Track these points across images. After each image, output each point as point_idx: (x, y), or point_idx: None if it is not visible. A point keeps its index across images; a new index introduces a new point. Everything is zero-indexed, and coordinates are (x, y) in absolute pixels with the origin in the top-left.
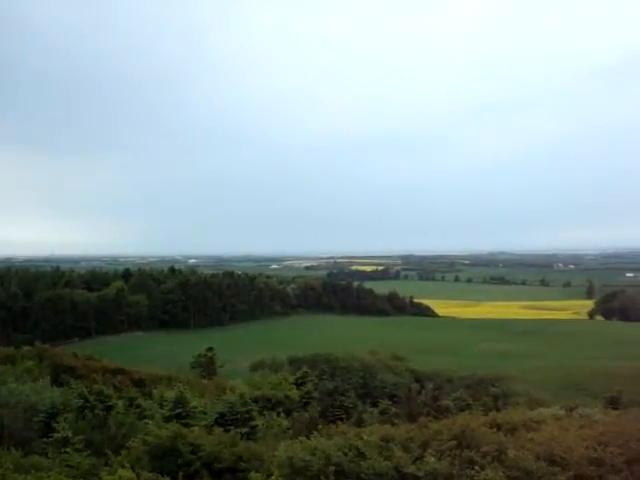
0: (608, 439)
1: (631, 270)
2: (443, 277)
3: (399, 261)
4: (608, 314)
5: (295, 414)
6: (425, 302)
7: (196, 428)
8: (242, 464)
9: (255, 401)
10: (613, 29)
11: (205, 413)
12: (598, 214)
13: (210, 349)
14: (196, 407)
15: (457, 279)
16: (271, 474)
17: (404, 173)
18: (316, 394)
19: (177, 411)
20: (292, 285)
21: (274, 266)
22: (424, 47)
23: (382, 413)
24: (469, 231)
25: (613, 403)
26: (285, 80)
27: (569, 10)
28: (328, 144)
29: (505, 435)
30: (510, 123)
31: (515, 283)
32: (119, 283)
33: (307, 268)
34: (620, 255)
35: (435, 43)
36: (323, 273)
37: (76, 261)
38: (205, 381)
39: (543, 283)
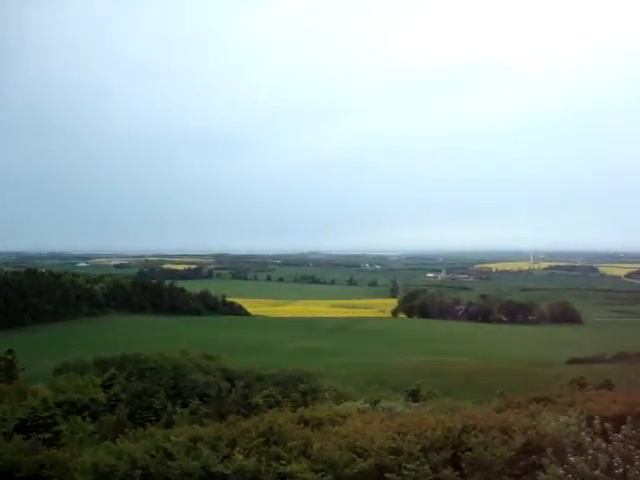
0: (407, 429)
1: (431, 271)
2: (255, 276)
3: (212, 260)
4: (410, 312)
5: (102, 418)
6: (238, 301)
7: None
8: (44, 472)
9: (59, 405)
10: (426, 42)
11: (5, 420)
12: (401, 217)
13: (10, 351)
14: None
15: (269, 278)
16: None
17: (218, 173)
18: (124, 396)
19: None
20: (100, 284)
21: (82, 264)
22: (239, 47)
23: (192, 413)
24: (281, 231)
25: (414, 396)
26: (97, 76)
27: (385, 19)
28: (140, 142)
29: (312, 430)
30: (323, 127)
31: (325, 282)
32: None
33: (117, 266)
34: (421, 256)
35: (251, 44)
36: (134, 272)
37: None
38: (4, 386)
39: (351, 282)
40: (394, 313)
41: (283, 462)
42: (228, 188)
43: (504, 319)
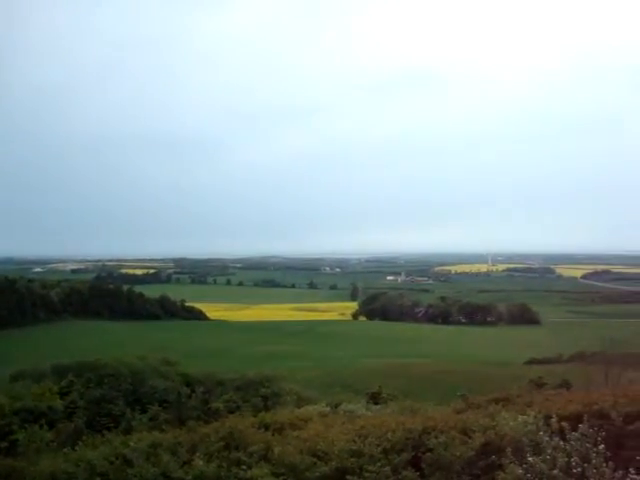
0: (368, 432)
1: (391, 273)
2: (215, 280)
3: (171, 264)
4: (370, 315)
5: (59, 425)
6: (197, 306)
7: None
8: None
9: (16, 413)
10: (383, 47)
11: None
12: (361, 220)
13: None
14: None
15: (229, 282)
16: None
17: (178, 176)
18: (82, 403)
19: None
20: (57, 289)
21: (37, 269)
22: (201, 49)
23: (152, 419)
24: (242, 235)
25: (374, 398)
26: (54, 76)
27: (347, 25)
28: (98, 143)
29: (273, 434)
30: (283, 130)
31: (285, 286)
32: None
33: (74, 272)
34: (381, 259)
35: (212, 46)
36: (91, 277)
37: None
38: None
39: (311, 286)
40: (355, 316)
41: (244, 467)
42: (188, 191)
43: (463, 321)
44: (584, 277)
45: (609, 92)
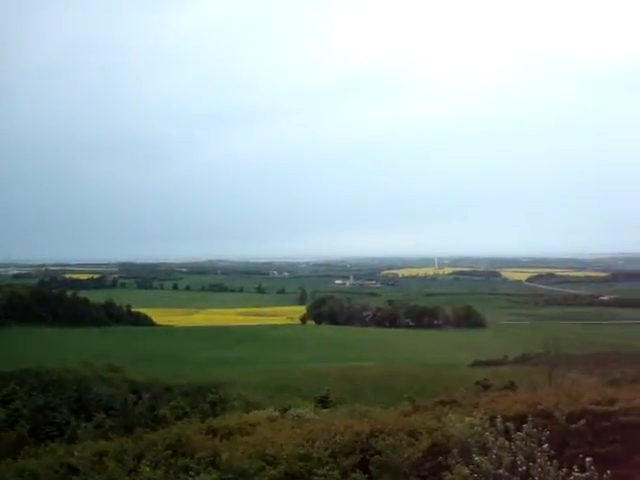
0: (316, 435)
1: (340, 277)
2: (162, 285)
3: (117, 269)
4: (319, 319)
5: (1, 434)
6: (143, 311)
7: None
8: None
9: None
10: (337, 49)
11: None
12: (310, 224)
13: None
14: None
15: (176, 287)
16: None
17: (126, 180)
18: (25, 412)
19: None
20: None
21: None
22: (155, 51)
23: (97, 427)
24: (188, 239)
25: (323, 402)
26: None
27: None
28: (43, 145)
29: (221, 440)
30: (235, 134)
31: (233, 290)
32: None
33: (16, 276)
34: (329, 263)
35: (165, 48)
36: (34, 282)
37: None
38: None
39: (259, 290)
40: (303, 320)
41: (192, 473)
42: (136, 195)
43: (410, 324)
44: (529, 280)
45: (561, 94)
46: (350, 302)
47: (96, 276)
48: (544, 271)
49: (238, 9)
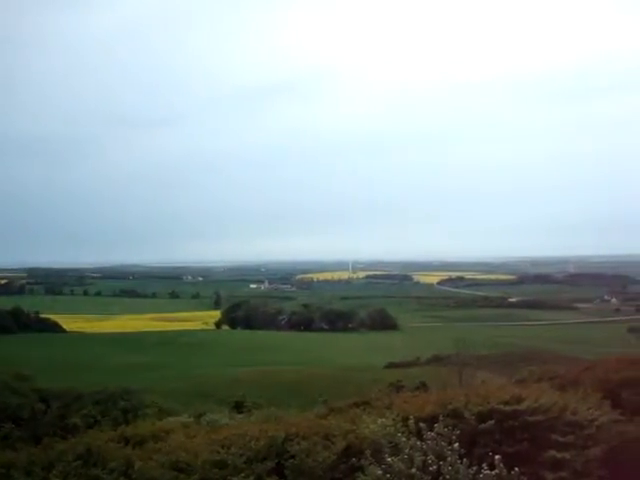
0: (231, 442)
1: (255, 282)
2: (72, 291)
3: (24, 275)
4: (234, 323)
5: None
6: (53, 317)
7: None
8: None
9: None
10: (258, 52)
11: None
12: (224, 229)
13: None
14: None
15: (86, 293)
16: None
17: (35, 182)
18: None
19: None
20: None
21: None
22: (64, 50)
23: (4, 438)
24: (100, 243)
25: (238, 407)
26: None
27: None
28: None
29: (133, 448)
30: (149, 136)
31: (146, 296)
32: None
33: None
34: (244, 268)
35: (76, 47)
36: None
37: None
38: None
39: (173, 295)
40: (218, 325)
41: None
42: (46, 198)
43: (325, 327)
44: (440, 283)
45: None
46: (265, 306)
47: (3, 282)
48: (454, 275)
49: (154, 7)
